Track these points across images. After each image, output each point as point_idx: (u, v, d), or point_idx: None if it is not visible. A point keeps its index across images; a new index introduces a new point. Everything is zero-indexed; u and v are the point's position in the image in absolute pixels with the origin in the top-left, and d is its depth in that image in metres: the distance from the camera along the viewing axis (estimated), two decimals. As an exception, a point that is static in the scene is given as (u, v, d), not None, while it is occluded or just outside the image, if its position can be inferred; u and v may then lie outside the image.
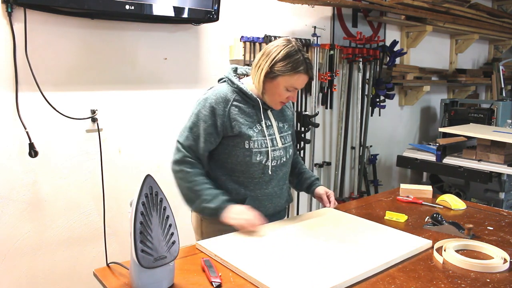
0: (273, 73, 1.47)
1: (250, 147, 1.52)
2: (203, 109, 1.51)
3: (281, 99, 1.52)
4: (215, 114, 1.50)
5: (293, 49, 1.46)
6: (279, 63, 1.45)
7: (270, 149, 1.55)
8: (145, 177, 1.11)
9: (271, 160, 1.56)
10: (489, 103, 3.78)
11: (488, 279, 1.19)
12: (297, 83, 1.49)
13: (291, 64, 1.45)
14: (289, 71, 1.45)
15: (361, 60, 3.26)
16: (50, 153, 2.08)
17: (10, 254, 2.01)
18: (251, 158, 1.53)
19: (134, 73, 2.30)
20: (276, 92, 1.50)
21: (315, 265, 1.23)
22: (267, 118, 1.58)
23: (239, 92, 1.54)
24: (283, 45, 1.47)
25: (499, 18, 4.24)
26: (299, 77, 1.47)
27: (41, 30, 1.99)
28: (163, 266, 1.10)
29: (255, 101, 1.54)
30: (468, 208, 1.86)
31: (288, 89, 1.49)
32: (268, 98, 1.53)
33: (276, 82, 1.48)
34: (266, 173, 1.56)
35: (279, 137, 1.60)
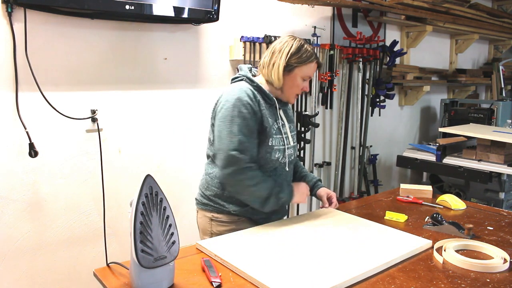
0: (290, 66, 1.56)
1: (272, 144, 1.57)
2: (243, 108, 1.49)
3: (297, 90, 1.61)
4: (254, 111, 1.52)
5: (301, 42, 1.58)
6: (294, 56, 1.55)
7: (286, 146, 1.62)
8: (145, 177, 1.11)
9: (287, 157, 1.62)
10: (489, 103, 3.78)
11: (488, 279, 1.19)
12: (311, 71, 1.60)
13: (304, 54, 1.56)
14: (304, 61, 1.56)
15: (361, 60, 3.26)
16: (50, 153, 2.08)
17: (10, 254, 2.01)
18: (271, 155, 1.57)
19: (134, 73, 2.30)
20: (294, 84, 1.59)
21: (315, 265, 1.23)
22: (281, 117, 1.64)
23: (259, 91, 1.58)
24: (292, 40, 1.58)
25: (499, 18, 4.24)
26: (312, 66, 1.59)
27: (41, 30, 1.99)
28: (163, 266, 1.10)
29: (272, 100, 1.60)
30: (468, 208, 1.86)
31: (304, 79, 1.60)
32: (287, 91, 1.61)
33: (294, 74, 1.57)
34: (283, 170, 1.63)
35: (290, 135, 1.66)
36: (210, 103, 2.60)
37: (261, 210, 1.55)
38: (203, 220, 1.67)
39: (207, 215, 1.64)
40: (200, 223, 1.70)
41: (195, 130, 2.56)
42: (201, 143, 2.59)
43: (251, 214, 1.60)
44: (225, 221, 1.61)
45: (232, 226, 1.59)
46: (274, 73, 1.57)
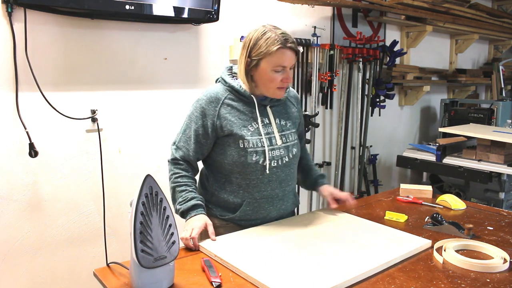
0: (253, 61, 1.44)
1: (244, 146, 1.47)
2: (194, 111, 1.52)
3: (275, 84, 1.46)
4: (205, 114, 1.49)
5: (262, 30, 1.43)
6: (254, 49, 1.43)
7: (268, 148, 1.50)
8: (145, 177, 1.11)
9: (269, 160, 1.50)
10: (489, 103, 3.78)
11: (488, 279, 1.19)
12: (281, 60, 1.42)
13: (264, 44, 1.41)
14: (265, 52, 1.41)
15: (361, 60, 3.26)
16: (50, 153, 2.08)
17: (10, 254, 2.01)
18: (247, 158, 1.48)
19: (134, 73, 2.30)
20: (266, 78, 1.45)
21: (315, 265, 1.23)
22: (265, 115, 1.53)
23: (232, 91, 1.51)
24: (254, 30, 1.46)
25: (499, 18, 4.24)
26: (280, 53, 1.41)
27: (41, 30, 1.99)
28: (163, 266, 1.10)
29: (249, 97, 1.50)
30: (468, 208, 1.86)
31: (276, 70, 1.44)
32: (263, 88, 1.49)
33: (261, 68, 1.44)
34: (264, 174, 1.51)
35: (278, 135, 1.54)
36: (210, 103, 2.61)
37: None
38: None
39: None
40: None
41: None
42: (201, 143, 2.58)
43: (238, 220, 1.55)
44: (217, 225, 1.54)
45: (220, 230, 1.52)
46: (240, 73, 1.50)
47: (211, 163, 1.59)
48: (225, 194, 1.55)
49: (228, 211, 1.56)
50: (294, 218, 1.68)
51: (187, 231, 1.39)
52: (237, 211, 1.54)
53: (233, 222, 1.56)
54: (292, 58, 1.45)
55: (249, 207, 1.53)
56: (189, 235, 1.37)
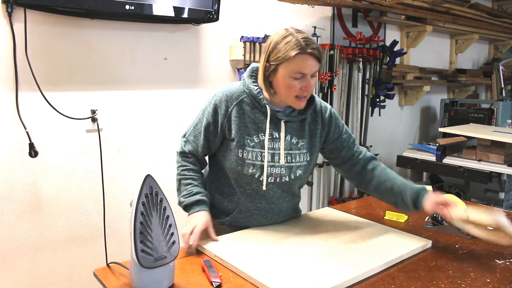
0: (271, 66, 1.34)
1: (243, 156, 1.41)
2: (208, 106, 1.46)
3: (293, 92, 1.35)
4: (217, 112, 1.43)
5: (283, 34, 1.33)
6: (272, 53, 1.33)
7: (267, 164, 1.40)
8: (145, 177, 1.11)
9: (266, 176, 1.41)
10: (489, 103, 3.78)
11: (488, 279, 1.19)
12: (300, 66, 1.31)
13: (283, 48, 1.31)
14: (283, 57, 1.31)
15: (361, 60, 3.26)
16: (50, 153, 2.08)
17: (10, 254, 2.01)
18: (243, 168, 1.41)
19: (134, 73, 2.30)
20: (284, 85, 1.34)
21: (315, 265, 1.23)
22: (276, 129, 1.42)
23: (249, 95, 1.42)
24: (274, 34, 1.36)
25: (499, 18, 4.24)
26: (299, 59, 1.30)
27: (41, 30, 1.99)
28: (163, 266, 1.10)
29: (264, 107, 1.40)
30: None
31: (295, 77, 1.33)
32: (282, 96, 1.38)
33: (279, 74, 1.34)
34: (260, 188, 1.44)
35: (284, 153, 1.42)
36: (210, 103, 2.61)
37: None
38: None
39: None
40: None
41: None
42: (201, 143, 2.58)
43: (229, 225, 1.52)
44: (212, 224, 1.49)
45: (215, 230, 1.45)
46: (259, 78, 1.40)
47: (214, 160, 1.55)
48: (221, 196, 1.52)
49: (221, 214, 1.53)
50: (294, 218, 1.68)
51: (189, 227, 1.36)
52: (229, 216, 1.51)
53: (224, 223, 1.53)
54: (314, 65, 1.33)
55: (241, 215, 1.50)
56: (190, 231, 1.34)
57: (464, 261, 1.31)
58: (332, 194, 3.43)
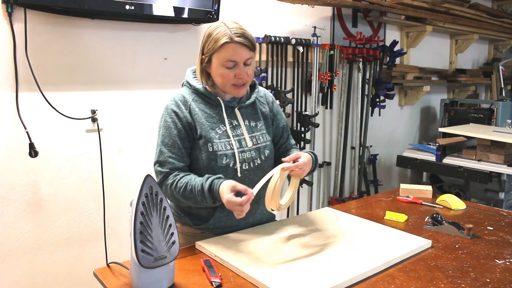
0: (207, 57, 1.41)
1: (214, 149, 1.42)
2: (168, 117, 1.44)
3: (228, 80, 1.40)
4: (179, 118, 1.43)
5: (216, 25, 1.40)
6: (206, 44, 1.41)
7: (237, 150, 1.44)
8: (145, 177, 1.11)
9: (239, 163, 1.44)
10: (489, 103, 3.78)
11: (488, 279, 1.19)
12: (229, 55, 1.37)
13: (214, 38, 1.38)
14: (213, 47, 1.38)
15: (361, 60, 3.26)
16: (50, 153, 2.08)
17: (10, 254, 2.01)
18: (217, 161, 1.42)
19: (134, 73, 2.30)
20: (219, 74, 1.41)
21: (315, 265, 1.23)
22: (233, 117, 1.48)
23: (197, 93, 1.47)
24: (209, 27, 1.42)
25: (499, 18, 4.24)
26: (228, 48, 1.36)
27: (41, 30, 1.99)
28: (163, 266, 1.10)
29: (216, 100, 1.46)
30: (468, 208, 1.86)
31: (227, 66, 1.38)
32: (220, 86, 1.44)
33: (213, 64, 1.41)
34: (236, 177, 1.43)
35: (248, 137, 1.48)
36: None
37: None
38: None
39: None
40: None
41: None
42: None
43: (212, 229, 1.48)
44: (187, 233, 1.50)
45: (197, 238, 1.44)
46: (197, 71, 1.48)
47: None
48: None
49: (201, 220, 1.48)
50: (294, 218, 1.68)
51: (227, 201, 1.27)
52: (211, 218, 1.47)
53: (208, 230, 1.49)
54: (244, 53, 1.39)
55: (223, 213, 1.46)
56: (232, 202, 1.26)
57: (464, 261, 1.31)
58: (332, 194, 3.43)
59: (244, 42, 1.38)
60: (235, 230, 1.49)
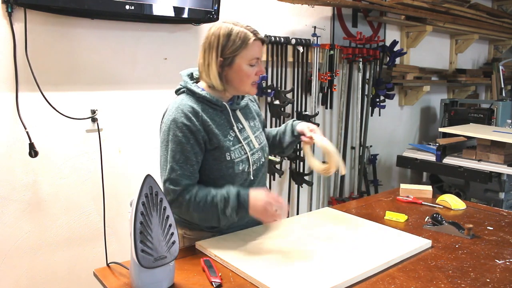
0: (227, 59, 1.37)
1: (231, 158, 1.40)
2: (177, 131, 1.36)
3: (251, 79, 1.41)
4: (191, 131, 1.35)
5: (228, 26, 1.37)
6: (226, 46, 1.36)
7: (249, 154, 1.44)
8: (145, 177, 1.11)
9: (252, 165, 1.45)
10: (489, 103, 3.78)
11: (488, 279, 1.19)
12: (255, 52, 1.38)
13: (237, 38, 1.35)
14: (240, 46, 1.35)
15: (361, 60, 3.26)
16: (50, 153, 2.08)
17: (10, 254, 2.01)
18: (234, 169, 1.41)
19: (134, 73, 2.30)
20: (243, 75, 1.39)
21: (315, 265, 1.23)
22: (237, 120, 1.47)
23: (203, 101, 1.40)
24: (217, 29, 1.37)
25: (499, 18, 4.24)
26: (253, 46, 1.37)
27: (41, 30, 1.99)
28: (163, 266, 1.10)
29: (223, 106, 1.42)
30: (468, 208, 1.86)
31: (251, 64, 1.39)
32: (238, 86, 1.42)
33: (236, 65, 1.37)
34: (248, 180, 1.45)
35: (254, 138, 1.49)
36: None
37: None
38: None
39: (179, 231, 1.46)
40: None
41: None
42: (201, 143, 2.58)
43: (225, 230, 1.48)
44: (197, 238, 1.46)
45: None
46: (212, 75, 1.38)
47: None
48: None
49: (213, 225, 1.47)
50: (294, 218, 1.68)
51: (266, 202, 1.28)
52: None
53: (220, 231, 1.48)
54: (262, 48, 1.43)
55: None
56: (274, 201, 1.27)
57: (464, 261, 1.31)
58: (332, 194, 3.43)
59: (262, 38, 1.41)
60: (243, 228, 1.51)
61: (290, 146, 1.66)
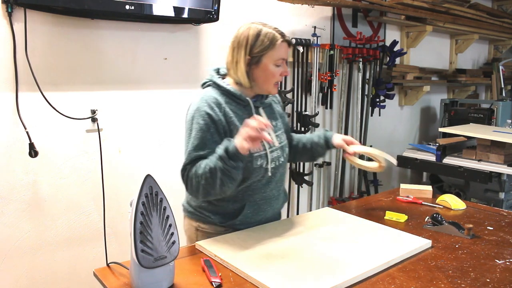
0: (255, 58, 1.43)
1: (250, 152, 1.38)
2: (200, 119, 1.40)
3: (275, 78, 1.46)
4: (214, 121, 1.40)
5: (258, 27, 1.44)
6: (255, 45, 1.42)
7: (269, 151, 1.48)
8: (145, 177, 1.11)
9: (270, 162, 1.49)
10: (489, 103, 3.78)
11: (488, 279, 1.19)
12: (281, 53, 1.44)
13: (265, 39, 1.42)
14: (268, 46, 1.42)
15: (361, 60, 3.26)
16: (50, 153, 2.08)
17: (10, 254, 2.01)
18: (252, 163, 1.44)
19: (134, 73, 2.30)
20: (268, 74, 1.44)
21: (315, 265, 1.23)
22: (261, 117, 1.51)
23: (228, 95, 1.46)
24: (247, 29, 1.45)
25: (499, 18, 4.24)
26: (280, 47, 1.43)
27: (41, 30, 1.99)
28: (163, 266, 1.10)
29: (246, 101, 1.47)
30: (468, 208, 1.86)
31: (277, 64, 1.45)
32: (262, 85, 1.47)
33: (263, 64, 1.43)
34: (266, 176, 1.49)
35: (275, 135, 1.53)
36: (210, 103, 2.61)
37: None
38: (189, 229, 1.59)
39: (193, 224, 1.57)
40: (186, 231, 1.61)
41: (195, 130, 2.56)
42: (201, 143, 2.58)
43: (238, 225, 1.52)
44: (211, 232, 1.52)
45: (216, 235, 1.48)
46: (239, 72, 1.44)
47: None
48: (224, 202, 1.50)
49: (228, 218, 1.51)
50: (294, 218, 1.68)
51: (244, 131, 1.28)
52: (238, 216, 1.50)
53: (233, 227, 1.52)
54: (289, 50, 1.49)
55: (250, 209, 1.51)
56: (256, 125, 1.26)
57: (464, 261, 1.31)
58: (332, 194, 3.43)
59: (289, 40, 1.47)
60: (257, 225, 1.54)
61: (322, 157, 1.77)
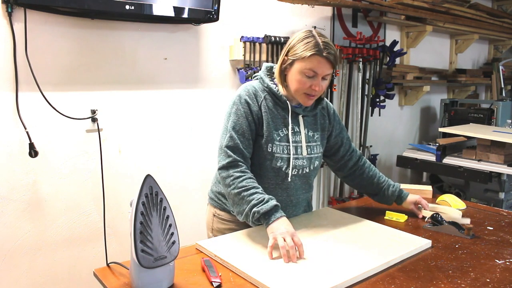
0: (289, 60, 1.45)
1: (272, 151, 1.48)
2: (240, 106, 1.47)
3: (303, 88, 1.44)
4: (251, 110, 1.47)
5: (307, 34, 1.44)
6: (292, 49, 1.44)
7: (293, 156, 1.50)
8: (145, 177, 1.11)
9: (291, 168, 1.51)
10: (489, 103, 3.79)
11: (488, 279, 1.19)
12: (313, 65, 1.41)
13: (303, 46, 1.41)
14: (299, 54, 1.41)
15: (361, 60, 3.26)
16: (50, 153, 2.08)
17: (10, 254, 2.01)
18: (272, 162, 1.48)
19: (134, 73, 2.30)
20: (296, 79, 1.45)
21: (315, 265, 1.23)
22: (296, 124, 1.53)
23: (269, 92, 1.51)
24: (300, 33, 1.46)
25: (499, 18, 4.24)
26: (314, 59, 1.40)
27: (41, 30, 1.99)
28: (163, 266, 1.10)
29: (285, 103, 1.51)
30: (468, 208, 1.86)
31: (307, 74, 1.42)
32: (293, 90, 1.47)
33: (294, 68, 1.44)
34: (285, 181, 1.52)
35: (305, 145, 1.54)
36: (210, 103, 2.62)
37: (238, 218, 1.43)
38: (208, 214, 1.68)
39: (211, 210, 1.65)
40: (206, 217, 1.70)
41: (195, 130, 2.56)
42: (201, 143, 2.59)
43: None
44: (225, 219, 1.59)
45: (232, 225, 1.57)
46: (276, 70, 1.51)
47: None
48: None
49: None
50: (294, 218, 1.68)
51: (282, 236, 1.27)
52: None
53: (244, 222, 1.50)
54: (327, 68, 1.43)
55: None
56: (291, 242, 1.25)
57: (464, 261, 1.31)
58: (332, 194, 3.43)
59: (330, 58, 1.42)
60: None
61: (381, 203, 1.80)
